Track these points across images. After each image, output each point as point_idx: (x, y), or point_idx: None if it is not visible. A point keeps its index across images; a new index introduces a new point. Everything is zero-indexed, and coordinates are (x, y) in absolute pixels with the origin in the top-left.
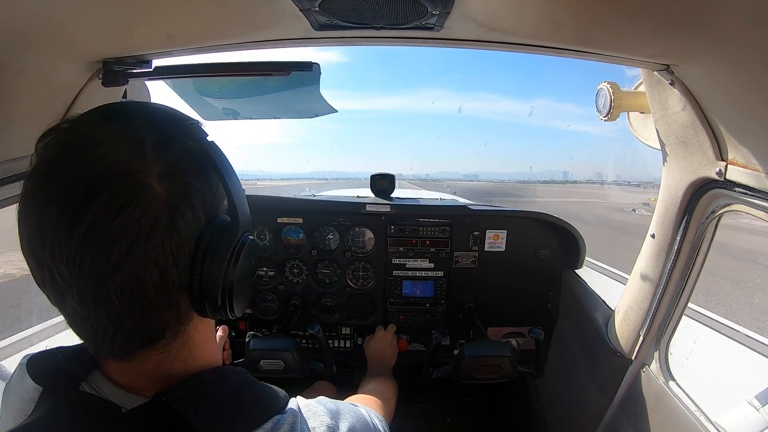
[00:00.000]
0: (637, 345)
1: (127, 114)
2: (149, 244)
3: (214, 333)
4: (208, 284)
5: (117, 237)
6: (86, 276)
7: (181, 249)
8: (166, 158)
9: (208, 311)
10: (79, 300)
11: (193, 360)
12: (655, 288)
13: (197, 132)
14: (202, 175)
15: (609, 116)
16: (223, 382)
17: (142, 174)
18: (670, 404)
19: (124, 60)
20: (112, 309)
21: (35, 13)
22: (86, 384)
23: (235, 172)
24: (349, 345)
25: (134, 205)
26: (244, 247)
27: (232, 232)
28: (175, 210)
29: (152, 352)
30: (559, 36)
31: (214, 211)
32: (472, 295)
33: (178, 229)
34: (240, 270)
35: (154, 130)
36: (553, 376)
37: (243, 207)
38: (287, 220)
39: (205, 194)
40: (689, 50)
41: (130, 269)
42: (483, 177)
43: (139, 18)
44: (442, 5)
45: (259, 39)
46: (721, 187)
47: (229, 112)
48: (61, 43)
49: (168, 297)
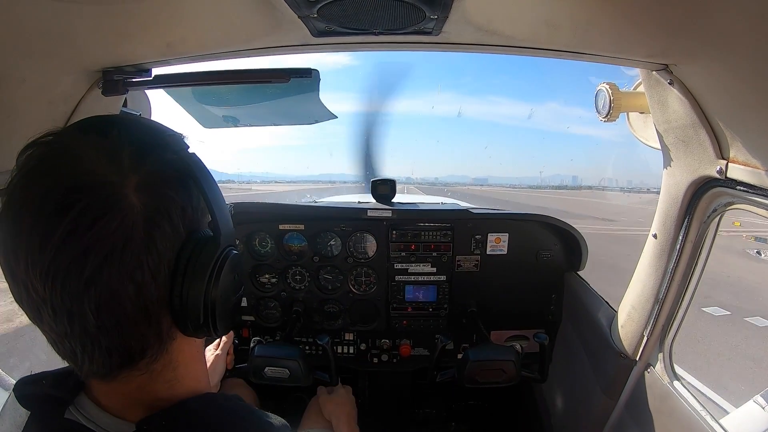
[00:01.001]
0: (641, 346)
1: (105, 126)
2: (124, 257)
3: (203, 353)
4: (188, 300)
5: (91, 250)
6: (60, 291)
7: (160, 263)
8: (143, 169)
9: (191, 329)
10: (54, 317)
11: (178, 382)
12: (658, 288)
13: (177, 144)
14: (182, 188)
15: (608, 117)
16: (209, 411)
17: (118, 185)
18: (676, 404)
19: (123, 69)
20: (88, 326)
21: (35, 23)
22: (73, 409)
23: (216, 185)
24: (353, 351)
25: (108, 217)
26: (227, 262)
27: (213, 246)
28: (152, 222)
29: (134, 372)
30: (557, 38)
31: (195, 225)
32: (475, 299)
33: (154, 242)
34: (223, 286)
35: (132, 141)
36: (557, 379)
37: (225, 220)
38: (289, 227)
39: (185, 207)
40: (687, 50)
41: (104, 284)
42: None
43: (138, 27)
44: (440, 10)
45: (259, 46)
46: (722, 186)
47: (229, 120)
48: (61, 52)
49: (146, 314)
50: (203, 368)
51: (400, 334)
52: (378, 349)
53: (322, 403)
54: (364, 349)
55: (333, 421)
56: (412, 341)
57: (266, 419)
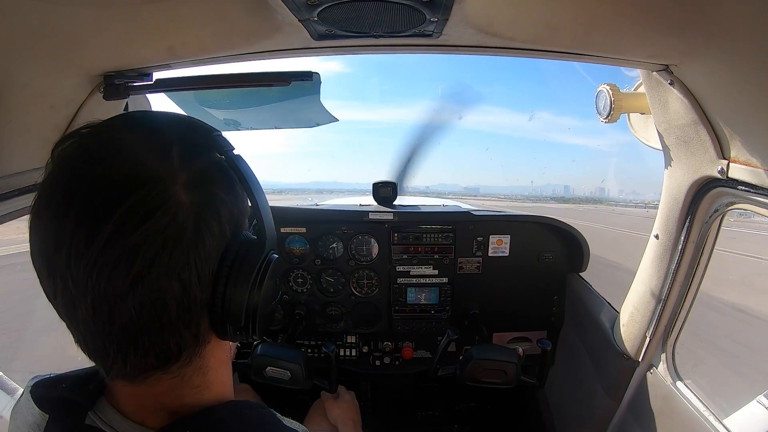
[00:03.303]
0: (644, 346)
1: (153, 121)
2: (174, 254)
3: (230, 358)
4: (231, 304)
5: (141, 246)
6: (104, 286)
7: (206, 264)
8: (192, 167)
9: (229, 333)
10: (93, 313)
11: (207, 388)
12: (660, 289)
13: (224, 144)
14: (229, 188)
15: (609, 118)
16: (235, 420)
17: (169, 181)
18: (679, 405)
19: (125, 73)
20: (130, 324)
21: (38, 28)
22: (93, 414)
23: (261, 188)
24: (355, 354)
25: (161, 213)
26: (270, 266)
27: (258, 251)
28: (202, 221)
29: (165, 375)
30: (557, 40)
31: (239, 227)
32: (477, 301)
33: (203, 241)
34: (265, 291)
35: (181, 138)
36: (560, 380)
37: (270, 224)
38: (291, 230)
39: (232, 207)
40: (688, 50)
41: (152, 281)
42: (485, 191)
43: (139, 31)
44: (440, 12)
45: (259, 50)
46: (723, 186)
47: (231, 123)
48: (63, 56)
49: (189, 315)
50: (229, 373)
51: (402, 336)
52: (380, 351)
53: (327, 408)
54: (366, 351)
55: (339, 426)
56: (414, 343)
57: (286, 426)
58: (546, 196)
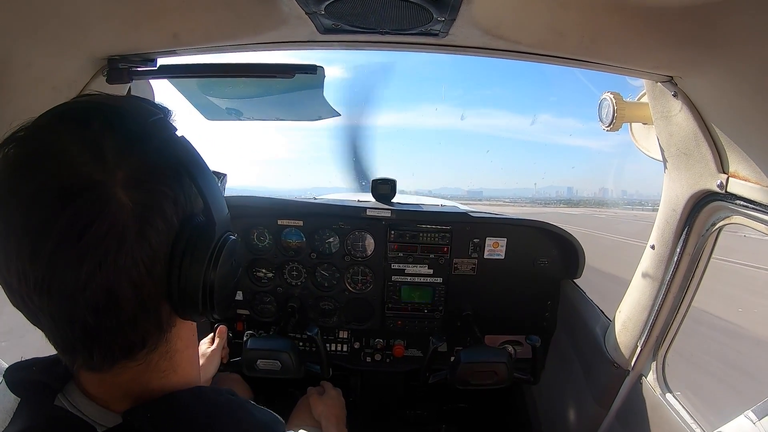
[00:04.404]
0: (635, 356)
1: (85, 114)
2: (119, 259)
3: (196, 337)
4: (186, 291)
5: (84, 258)
6: (56, 299)
7: (155, 258)
8: (130, 163)
9: (189, 315)
10: (53, 322)
11: (173, 371)
12: (654, 299)
13: (164, 129)
14: (172, 177)
15: (612, 126)
16: (198, 404)
17: (106, 184)
18: (667, 416)
19: (129, 58)
20: (88, 327)
21: (42, 7)
22: (62, 397)
23: (207, 168)
24: (346, 349)
25: (99, 222)
26: (224, 249)
27: (209, 235)
28: (144, 220)
29: (131, 363)
30: (563, 46)
31: (189, 213)
32: (471, 302)
33: (148, 239)
34: (220, 274)
35: (115, 130)
36: (549, 385)
37: (219, 206)
38: (287, 223)
39: (177, 197)
40: (693, 62)
41: (100, 288)
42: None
43: (145, 16)
44: (447, 12)
45: (265, 41)
46: (721, 200)
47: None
48: (67, 37)
49: (146, 308)
50: (196, 354)
51: (395, 334)
52: (371, 348)
53: (312, 404)
54: (357, 347)
55: (322, 422)
56: (405, 342)
57: (258, 414)
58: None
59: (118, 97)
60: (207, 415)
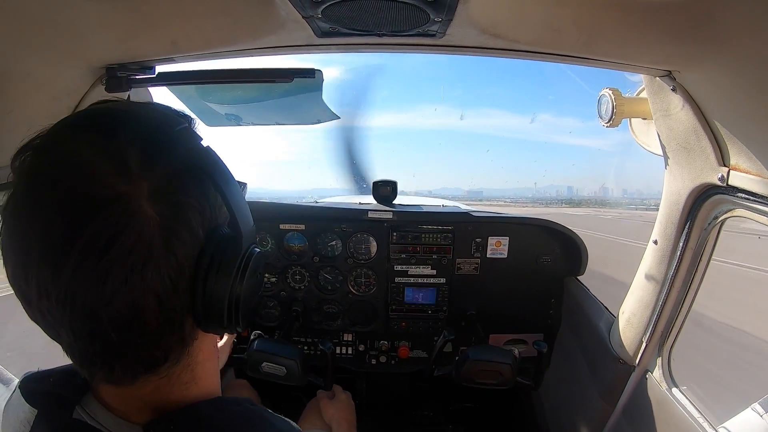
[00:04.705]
0: (640, 351)
1: (107, 123)
2: (145, 274)
3: (217, 348)
4: (212, 304)
5: (109, 273)
6: (79, 314)
7: (180, 272)
8: (155, 174)
9: (212, 329)
10: (74, 337)
11: (194, 383)
12: (658, 294)
13: (189, 138)
14: (198, 188)
15: (611, 122)
16: (219, 416)
17: (131, 197)
18: (673, 411)
19: (127, 66)
20: (110, 343)
21: (40, 17)
22: (80, 409)
23: (233, 179)
24: (351, 352)
25: (125, 235)
26: (250, 263)
27: (235, 248)
28: (170, 233)
29: (153, 377)
30: (561, 43)
31: (214, 224)
32: (474, 302)
33: (174, 253)
34: (246, 287)
35: (140, 140)
36: (555, 383)
37: (245, 218)
38: (290, 227)
39: (203, 210)
40: (691, 56)
41: (124, 302)
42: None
43: (143, 24)
44: (444, 12)
45: (262, 46)
46: (723, 193)
47: (232, 118)
48: (65, 47)
49: (170, 323)
50: (216, 366)
51: (399, 335)
52: (376, 350)
53: (323, 407)
54: (362, 350)
55: (333, 426)
56: (410, 343)
57: (276, 423)
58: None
59: (140, 104)
60: (228, 427)
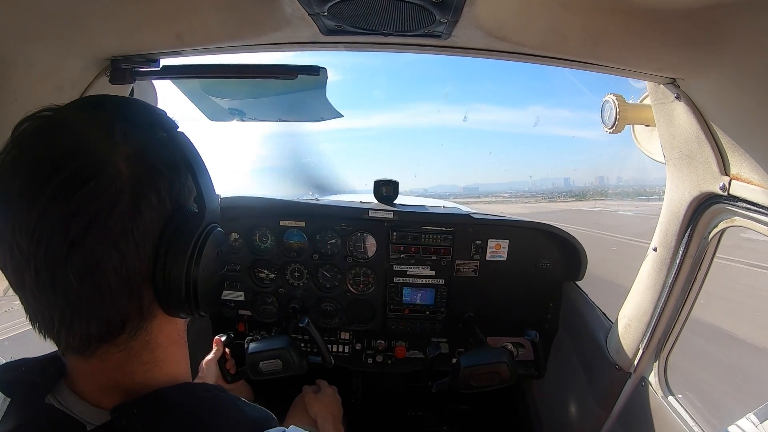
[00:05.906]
0: (637, 358)
1: (100, 102)
2: (109, 222)
3: (184, 338)
4: (170, 275)
5: (77, 211)
6: (44, 253)
7: (145, 235)
8: (134, 142)
9: (172, 305)
10: (36, 279)
11: (156, 366)
12: (656, 301)
13: (167, 122)
14: (171, 164)
15: (614, 128)
16: (187, 402)
17: (109, 152)
18: (669, 419)
19: (132, 58)
20: (71, 292)
21: (46, 8)
22: (52, 396)
23: (205, 165)
24: (348, 350)
25: (96, 180)
26: (209, 238)
27: (196, 222)
28: (139, 192)
29: (112, 348)
30: (566, 47)
31: (182, 202)
32: (472, 304)
33: (140, 212)
34: (205, 262)
35: (125, 116)
36: (551, 388)
37: (211, 198)
38: (290, 223)
39: (173, 182)
40: (696, 65)
41: (88, 249)
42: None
43: (148, 17)
44: (450, 14)
45: (267, 42)
46: (724, 202)
47: (235, 113)
48: (70, 38)
49: (128, 285)
50: (183, 353)
51: (396, 335)
52: (373, 349)
53: (308, 403)
54: (359, 348)
55: (318, 421)
56: (407, 343)
57: (249, 411)
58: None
59: (131, 98)
60: (195, 411)
